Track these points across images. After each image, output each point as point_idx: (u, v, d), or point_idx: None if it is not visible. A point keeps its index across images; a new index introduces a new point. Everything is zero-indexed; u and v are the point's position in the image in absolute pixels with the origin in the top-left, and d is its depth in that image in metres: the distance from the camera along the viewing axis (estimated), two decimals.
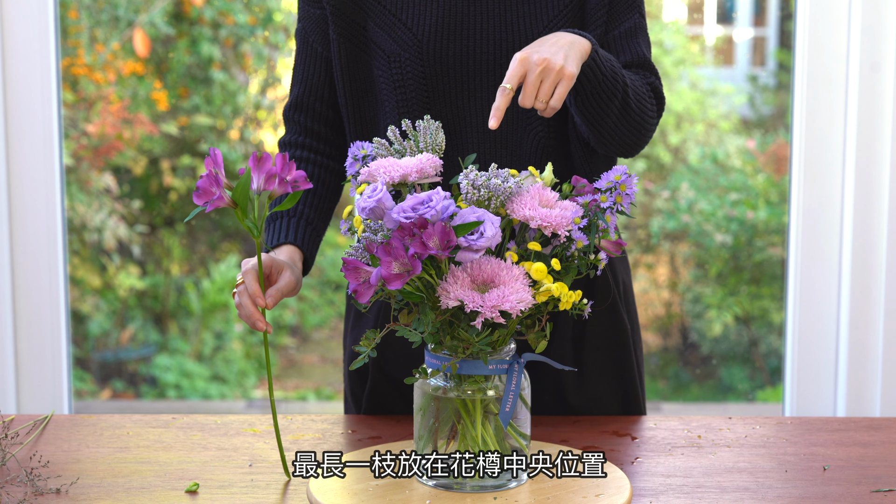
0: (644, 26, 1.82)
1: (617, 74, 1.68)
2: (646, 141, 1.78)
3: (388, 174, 1.51)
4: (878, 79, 2.54)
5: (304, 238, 1.77)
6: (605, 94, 1.66)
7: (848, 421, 1.85)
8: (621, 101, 1.69)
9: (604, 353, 1.85)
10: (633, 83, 1.73)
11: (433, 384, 1.52)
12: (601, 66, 1.65)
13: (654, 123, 1.78)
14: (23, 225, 2.58)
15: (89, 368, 3.81)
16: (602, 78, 1.65)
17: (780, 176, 3.71)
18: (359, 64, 1.78)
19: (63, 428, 1.80)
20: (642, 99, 1.74)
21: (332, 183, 1.84)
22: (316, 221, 1.81)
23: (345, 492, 1.50)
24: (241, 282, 1.60)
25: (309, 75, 1.83)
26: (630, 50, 1.80)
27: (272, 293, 1.59)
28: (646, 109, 1.75)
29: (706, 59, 4.01)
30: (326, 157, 1.84)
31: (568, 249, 1.50)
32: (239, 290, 1.60)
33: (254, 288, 1.58)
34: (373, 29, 1.76)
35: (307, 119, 1.84)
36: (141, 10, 3.65)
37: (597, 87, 1.66)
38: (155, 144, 3.77)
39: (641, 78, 1.78)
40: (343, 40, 1.77)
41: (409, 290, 1.44)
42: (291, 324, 3.98)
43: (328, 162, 1.84)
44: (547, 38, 1.62)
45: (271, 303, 1.58)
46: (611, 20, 1.79)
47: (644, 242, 3.80)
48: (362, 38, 1.77)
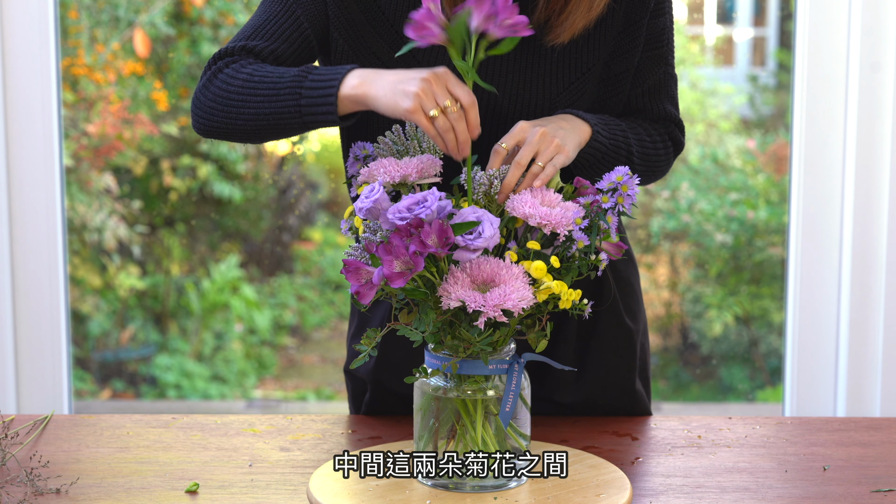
0: (669, 73, 1.79)
1: (620, 148, 1.68)
2: (654, 181, 1.79)
3: (387, 174, 1.51)
4: (878, 79, 2.54)
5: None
6: (606, 167, 1.66)
7: (848, 421, 1.85)
8: (625, 163, 1.70)
9: (608, 355, 1.85)
10: (643, 145, 1.73)
11: (433, 384, 1.52)
12: (600, 148, 1.65)
13: (665, 170, 1.80)
14: (23, 225, 2.58)
15: (89, 368, 3.81)
16: (601, 157, 1.65)
17: (780, 176, 3.71)
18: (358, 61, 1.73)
19: (63, 428, 1.80)
20: (650, 156, 1.74)
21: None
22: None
23: (345, 492, 1.50)
24: (446, 106, 1.48)
25: (280, 38, 1.68)
26: (653, 109, 1.79)
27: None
28: (654, 164, 1.75)
29: (706, 59, 4.01)
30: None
31: (568, 250, 1.50)
32: (454, 116, 1.49)
33: (474, 118, 1.49)
34: (387, 54, 1.69)
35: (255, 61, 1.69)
36: (141, 10, 3.65)
37: (595, 165, 1.66)
38: (155, 144, 3.77)
39: (659, 129, 1.78)
40: (344, 42, 1.71)
41: (412, 288, 1.44)
42: (291, 324, 3.98)
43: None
44: (550, 119, 1.61)
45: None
46: (637, 78, 1.77)
47: (644, 242, 3.80)
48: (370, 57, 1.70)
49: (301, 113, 1.56)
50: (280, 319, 3.96)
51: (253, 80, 1.60)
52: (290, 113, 1.57)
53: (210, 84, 1.65)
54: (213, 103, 1.63)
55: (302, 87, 1.57)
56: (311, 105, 1.56)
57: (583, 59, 1.72)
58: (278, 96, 1.58)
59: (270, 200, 3.95)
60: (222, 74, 1.64)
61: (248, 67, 1.62)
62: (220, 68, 1.65)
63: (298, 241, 4.03)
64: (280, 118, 1.58)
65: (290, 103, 1.57)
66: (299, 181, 3.95)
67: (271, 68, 1.61)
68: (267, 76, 1.60)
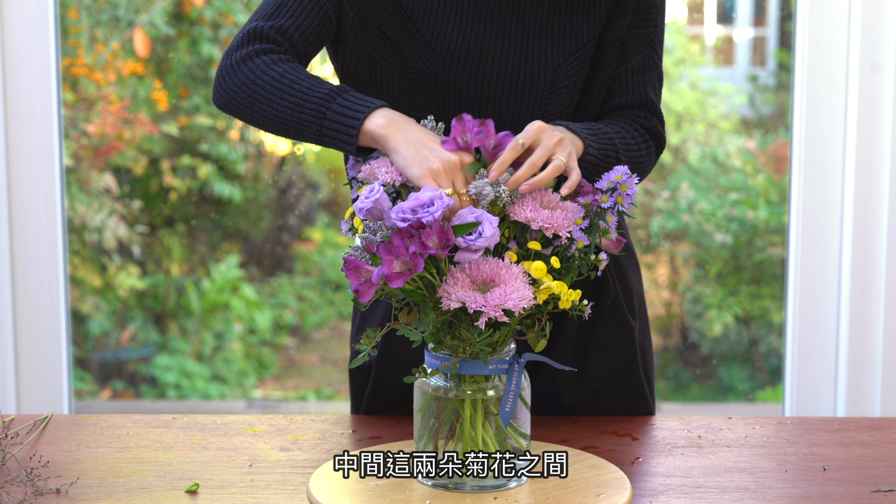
0: (656, 62, 1.82)
1: (609, 156, 1.70)
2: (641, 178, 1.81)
3: (387, 174, 1.51)
4: (878, 79, 2.54)
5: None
6: (596, 174, 1.67)
7: (848, 421, 1.85)
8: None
9: (609, 355, 1.85)
10: (629, 150, 1.74)
11: (433, 384, 1.52)
12: (592, 161, 1.67)
13: (648, 171, 1.81)
14: (23, 225, 2.58)
15: (89, 368, 3.81)
16: (592, 169, 1.67)
17: (780, 176, 3.71)
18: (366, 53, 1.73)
19: (63, 428, 1.80)
20: (635, 159, 1.76)
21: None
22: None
23: (345, 492, 1.50)
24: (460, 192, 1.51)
25: (303, 14, 1.69)
26: (635, 90, 1.80)
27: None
28: (639, 166, 1.77)
29: (706, 59, 4.01)
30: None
31: (569, 250, 1.50)
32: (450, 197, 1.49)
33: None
34: (392, 28, 1.71)
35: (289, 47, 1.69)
36: (141, 10, 3.65)
37: (588, 174, 1.67)
38: (155, 144, 3.77)
39: (638, 125, 1.79)
40: (355, 16, 1.70)
41: (411, 289, 1.44)
42: (291, 324, 3.98)
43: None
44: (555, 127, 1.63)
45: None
46: (622, 54, 1.79)
47: (644, 242, 3.80)
48: (376, 32, 1.72)
49: (321, 133, 1.58)
50: (280, 319, 3.96)
51: (282, 83, 1.61)
52: (311, 129, 1.59)
53: (238, 68, 1.65)
54: (237, 89, 1.64)
55: (329, 108, 1.58)
56: (333, 129, 1.58)
57: (583, 29, 1.74)
58: (303, 108, 1.59)
59: (270, 200, 3.95)
60: (252, 63, 1.64)
61: (280, 66, 1.63)
62: (251, 55, 1.65)
63: (298, 241, 4.03)
64: (300, 129, 1.60)
65: (313, 120, 1.59)
66: (299, 181, 3.95)
67: (303, 74, 1.62)
68: (296, 83, 1.61)
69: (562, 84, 1.73)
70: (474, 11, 1.72)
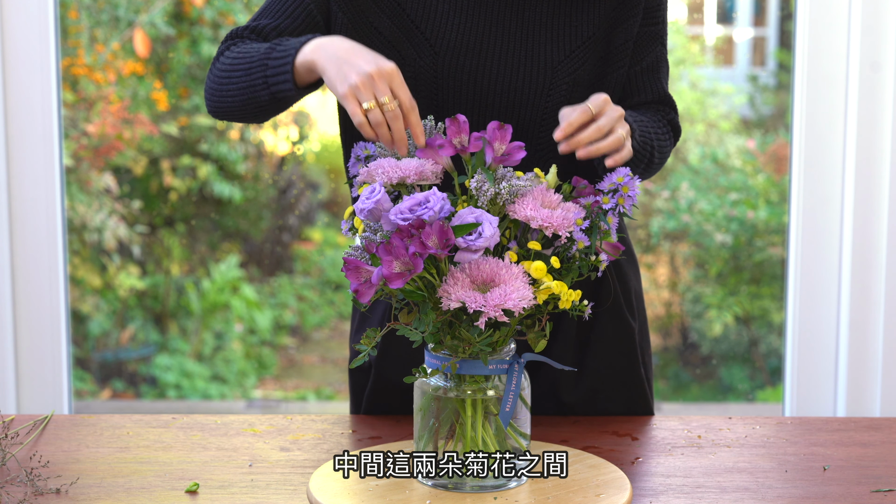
0: (665, 55, 1.84)
1: (646, 146, 1.72)
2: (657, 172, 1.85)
3: (386, 175, 1.51)
4: (878, 79, 2.54)
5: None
6: (634, 164, 1.69)
7: (848, 421, 1.85)
8: (647, 163, 1.74)
9: (608, 355, 1.85)
10: (660, 140, 1.77)
11: (433, 384, 1.52)
12: (634, 146, 1.68)
13: (666, 160, 1.84)
14: (23, 225, 2.58)
15: (89, 368, 3.81)
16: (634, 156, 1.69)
17: (780, 176, 3.71)
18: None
19: (63, 428, 1.80)
20: (664, 147, 1.78)
21: None
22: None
23: (345, 492, 1.50)
24: (383, 103, 1.48)
25: (283, 14, 1.69)
26: (652, 87, 1.82)
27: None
28: (666, 155, 1.80)
29: (706, 58, 4.01)
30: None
31: (569, 250, 1.50)
32: (391, 114, 1.48)
33: (415, 121, 1.49)
34: (388, 28, 1.71)
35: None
36: (141, 10, 3.65)
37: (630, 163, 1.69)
38: (155, 144, 3.77)
39: (661, 117, 1.81)
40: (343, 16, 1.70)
41: (411, 290, 1.44)
42: (291, 324, 3.98)
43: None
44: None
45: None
46: (636, 54, 1.80)
47: (644, 242, 3.80)
48: (371, 31, 1.71)
49: (268, 84, 1.57)
50: (280, 319, 3.96)
51: (238, 59, 1.62)
52: (259, 85, 1.58)
53: (213, 67, 1.68)
54: (213, 84, 1.67)
55: (269, 57, 1.57)
56: (275, 75, 1.56)
57: (582, 27, 1.74)
58: (251, 70, 1.59)
59: (270, 200, 3.95)
60: (223, 57, 1.67)
61: (240, 47, 1.64)
62: (222, 51, 1.68)
63: (298, 241, 4.03)
64: (254, 91, 1.59)
65: (259, 75, 1.58)
66: (299, 181, 3.95)
67: (254, 45, 1.62)
68: (247, 52, 1.61)
69: (561, 81, 1.73)
70: (474, 8, 1.72)
